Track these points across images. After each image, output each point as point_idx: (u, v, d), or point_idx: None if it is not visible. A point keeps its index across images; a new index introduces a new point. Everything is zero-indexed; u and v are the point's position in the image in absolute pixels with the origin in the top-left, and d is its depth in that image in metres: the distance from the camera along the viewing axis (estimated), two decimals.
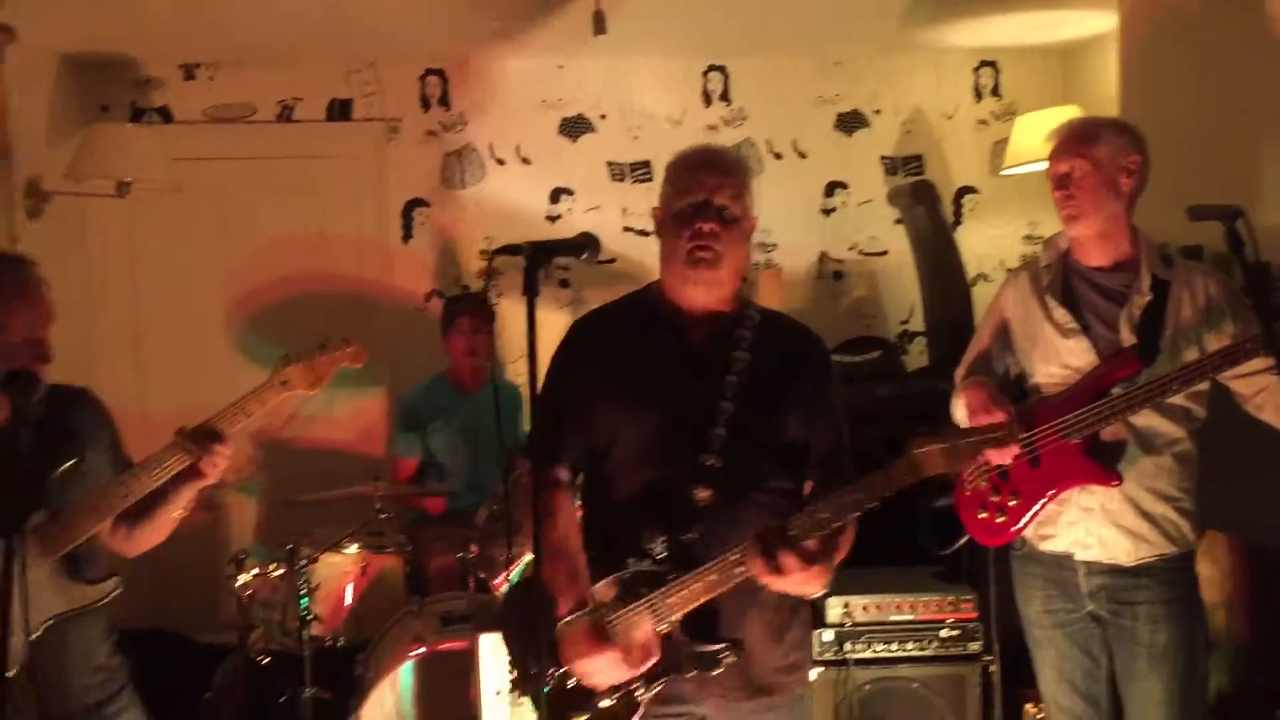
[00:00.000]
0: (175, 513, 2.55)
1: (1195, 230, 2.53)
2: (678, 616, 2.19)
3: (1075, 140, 2.68)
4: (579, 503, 2.46)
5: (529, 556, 3.48)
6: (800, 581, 2.10)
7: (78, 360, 4.34)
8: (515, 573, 3.78)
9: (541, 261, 1.98)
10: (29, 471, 2.37)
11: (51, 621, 2.40)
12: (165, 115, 5.15)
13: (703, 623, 2.21)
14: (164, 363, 5.13)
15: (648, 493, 2.26)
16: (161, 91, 5.14)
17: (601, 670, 2.21)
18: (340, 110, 5.23)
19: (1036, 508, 2.70)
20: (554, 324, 2.53)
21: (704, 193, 2.26)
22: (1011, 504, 2.72)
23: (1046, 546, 2.75)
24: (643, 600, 2.20)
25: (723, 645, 2.20)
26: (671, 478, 2.25)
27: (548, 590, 2.25)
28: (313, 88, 5.20)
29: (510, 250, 2.00)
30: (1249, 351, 2.42)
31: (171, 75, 5.14)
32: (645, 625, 2.20)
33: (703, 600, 2.18)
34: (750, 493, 2.28)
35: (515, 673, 2.38)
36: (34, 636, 2.36)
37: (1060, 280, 2.76)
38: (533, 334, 1.99)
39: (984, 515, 2.76)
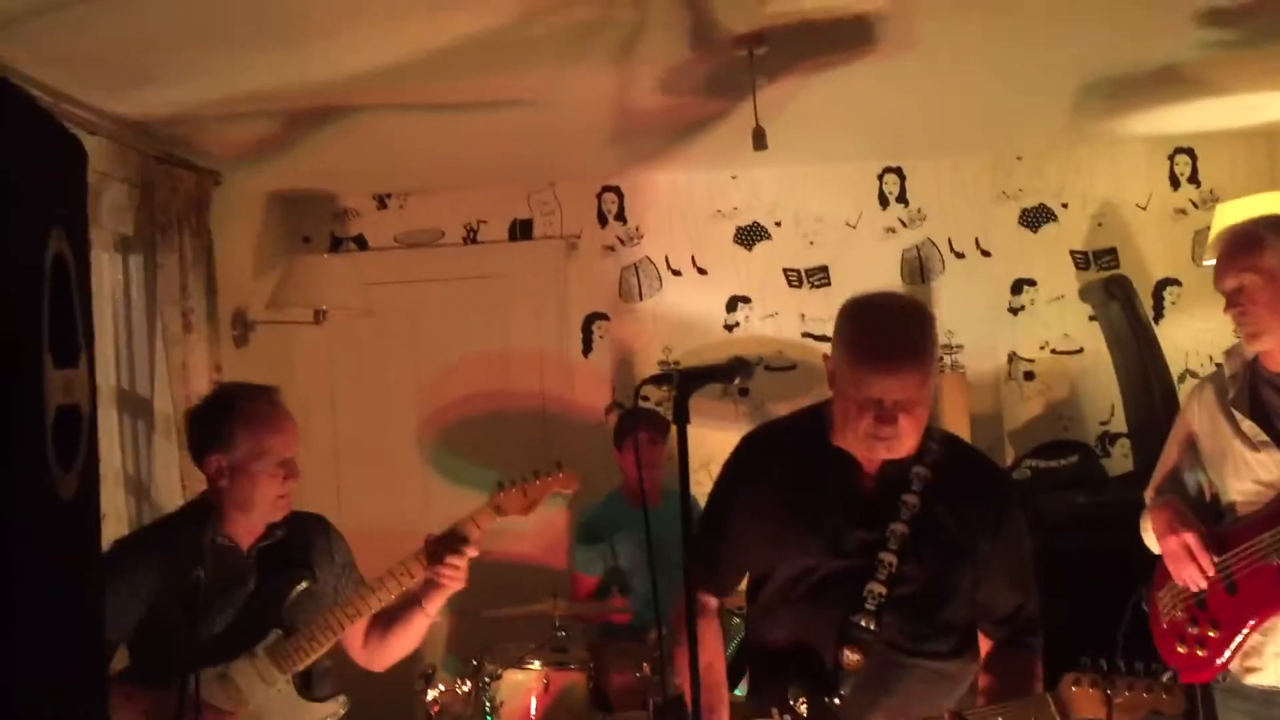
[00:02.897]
0: (426, 620, 2.69)
1: None
2: None
3: (1237, 253, 2.52)
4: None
5: None
6: None
7: None
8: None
9: (690, 390, 1.94)
10: (264, 594, 2.57)
11: None
12: (360, 243, 5.44)
13: None
14: (361, 481, 5.33)
15: (795, 643, 2.16)
16: (357, 221, 5.44)
17: None
18: (522, 229, 5.40)
19: (1239, 639, 2.46)
20: (734, 436, 2.50)
21: (880, 394, 2.05)
22: (1211, 635, 2.49)
23: (1252, 680, 2.51)
24: None
25: None
26: (820, 632, 2.13)
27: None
28: (496, 210, 5.39)
29: (658, 380, 1.97)
30: None
31: (366, 206, 5.43)
32: None
33: None
34: (902, 660, 2.14)
35: None
36: None
37: (1247, 390, 2.56)
38: (684, 460, 1.97)
39: (1183, 649, 2.54)
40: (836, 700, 2.10)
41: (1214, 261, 4.44)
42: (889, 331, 2.09)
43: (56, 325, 1.15)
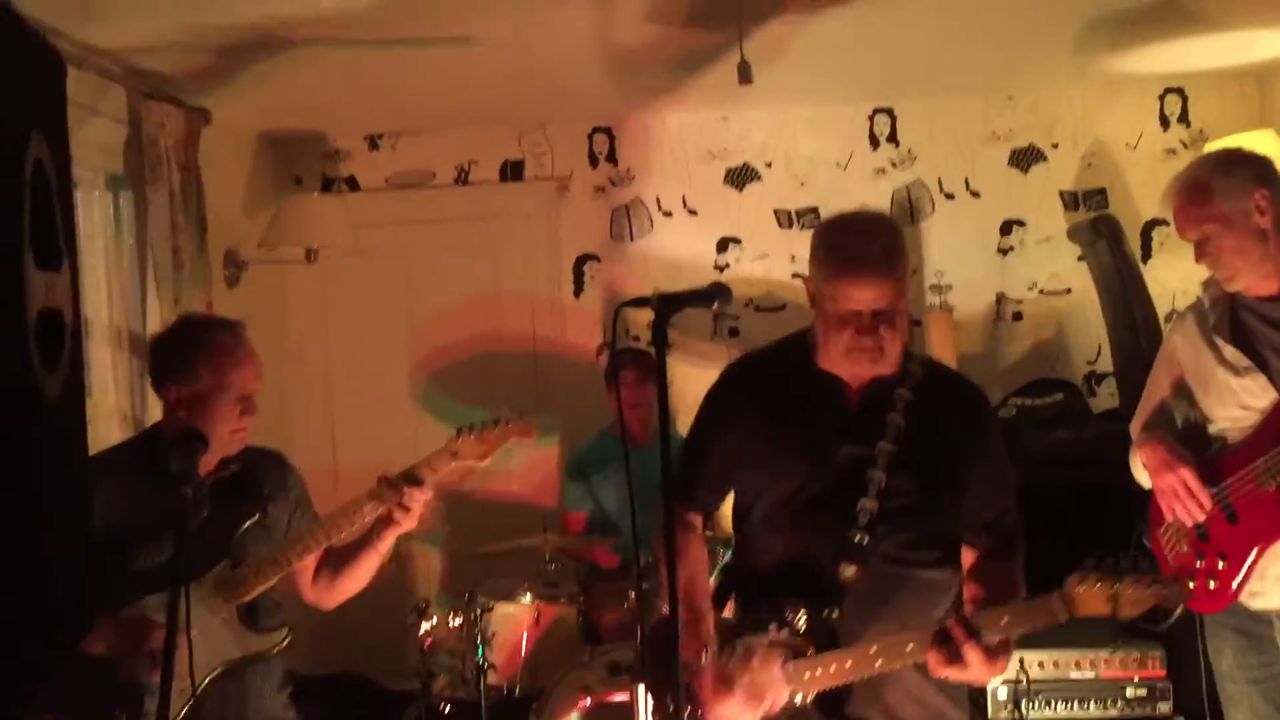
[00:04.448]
0: (377, 559, 2.68)
1: None
2: (814, 692, 2.14)
3: (1191, 205, 2.52)
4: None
5: None
6: (981, 675, 2.04)
7: (275, 418, 4.58)
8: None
9: (669, 313, 1.96)
10: (214, 525, 2.55)
11: (223, 668, 2.53)
12: (352, 184, 5.44)
13: (833, 697, 2.15)
14: (354, 420, 5.38)
15: (789, 561, 2.21)
16: (348, 162, 5.44)
17: (731, 715, 2.16)
18: (513, 171, 5.41)
19: (1247, 565, 2.48)
20: None
21: (858, 306, 2.12)
22: (1220, 567, 2.50)
23: (1258, 604, 2.53)
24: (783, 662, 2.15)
25: None
26: (815, 550, 2.18)
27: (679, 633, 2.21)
28: (487, 151, 5.39)
29: (638, 303, 1.99)
30: None
31: (357, 147, 5.43)
32: (773, 671, 2.15)
33: (850, 680, 2.11)
34: (898, 572, 2.20)
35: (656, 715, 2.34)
36: (203, 684, 2.49)
37: (1227, 318, 2.58)
38: (664, 386, 1.99)
39: (1194, 583, 2.55)
40: (835, 614, 2.15)
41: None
42: (861, 243, 2.14)
43: (37, 228, 1.17)
